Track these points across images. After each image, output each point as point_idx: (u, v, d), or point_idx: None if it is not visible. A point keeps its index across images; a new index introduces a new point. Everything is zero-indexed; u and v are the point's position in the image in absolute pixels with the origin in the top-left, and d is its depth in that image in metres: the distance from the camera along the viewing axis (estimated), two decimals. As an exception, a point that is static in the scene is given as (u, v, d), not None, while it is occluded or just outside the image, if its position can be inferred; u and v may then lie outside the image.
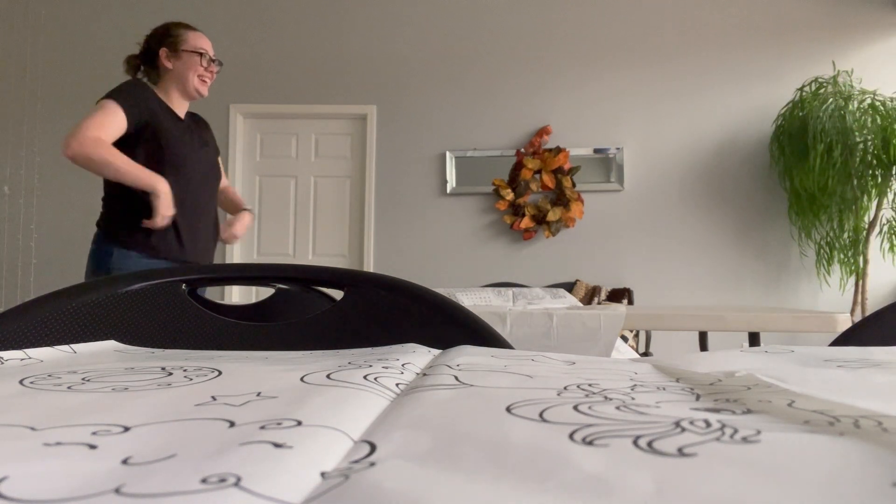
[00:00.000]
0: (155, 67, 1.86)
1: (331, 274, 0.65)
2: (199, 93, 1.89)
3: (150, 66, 1.87)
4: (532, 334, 1.17)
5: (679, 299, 4.01)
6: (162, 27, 1.89)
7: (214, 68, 1.90)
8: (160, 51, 1.84)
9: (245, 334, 0.59)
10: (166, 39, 1.85)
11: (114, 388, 0.32)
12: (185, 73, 1.85)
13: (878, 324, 0.67)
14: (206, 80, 1.88)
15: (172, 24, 1.89)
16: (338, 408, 0.26)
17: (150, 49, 1.87)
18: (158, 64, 1.85)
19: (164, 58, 1.84)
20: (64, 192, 4.28)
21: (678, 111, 4.11)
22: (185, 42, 1.85)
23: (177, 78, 1.85)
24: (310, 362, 0.40)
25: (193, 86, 1.86)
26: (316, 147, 4.36)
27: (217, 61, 1.91)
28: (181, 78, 1.85)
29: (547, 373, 0.37)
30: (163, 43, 1.85)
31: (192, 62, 1.85)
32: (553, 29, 4.19)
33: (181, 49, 1.84)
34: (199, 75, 1.86)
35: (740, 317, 1.30)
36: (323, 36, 4.30)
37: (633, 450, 0.20)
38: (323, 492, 0.16)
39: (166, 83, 1.86)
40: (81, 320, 0.55)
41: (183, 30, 1.87)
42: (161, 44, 1.85)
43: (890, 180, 3.58)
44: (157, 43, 1.86)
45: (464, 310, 0.61)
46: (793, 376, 0.34)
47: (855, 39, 4.00)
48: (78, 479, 0.18)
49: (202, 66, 1.86)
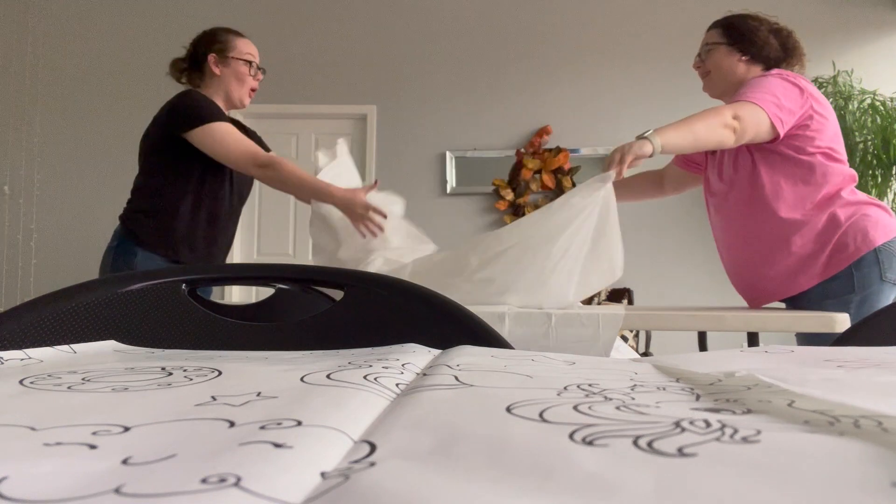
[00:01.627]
0: (201, 72, 1.84)
1: (331, 274, 0.65)
2: (243, 103, 1.87)
3: (196, 70, 1.85)
4: (531, 334, 1.17)
5: (679, 299, 4.01)
6: (210, 32, 1.86)
7: (260, 76, 1.89)
8: (209, 56, 1.81)
9: (245, 334, 0.59)
10: (215, 45, 1.82)
11: (114, 388, 0.32)
12: (232, 81, 1.83)
13: (878, 324, 0.67)
14: (252, 89, 1.87)
15: (221, 30, 1.86)
16: (338, 408, 0.26)
17: (196, 54, 1.84)
18: (205, 69, 1.83)
19: (212, 64, 1.81)
20: (64, 192, 4.28)
21: (678, 111, 4.10)
22: (235, 49, 1.83)
23: (224, 85, 1.83)
24: (310, 362, 0.40)
25: (239, 96, 1.85)
26: (316, 147, 4.36)
27: (263, 70, 1.89)
28: (228, 86, 1.83)
29: (547, 373, 0.37)
30: (211, 48, 1.82)
31: (241, 70, 1.83)
32: (553, 29, 4.18)
33: (230, 56, 1.82)
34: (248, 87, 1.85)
35: (740, 317, 1.30)
36: (323, 36, 4.30)
37: (633, 450, 0.20)
38: (323, 492, 0.16)
39: (212, 89, 1.83)
40: (81, 320, 0.55)
41: (232, 36, 1.85)
42: (209, 49, 1.82)
43: (890, 180, 3.58)
44: (206, 48, 1.83)
45: (464, 310, 0.61)
46: (793, 376, 0.34)
47: (855, 39, 4.00)
48: (78, 479, 0.18)
49: (250, 74, 1.84)
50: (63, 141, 4.31)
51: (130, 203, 1.81)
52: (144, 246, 1.73)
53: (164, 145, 1.74)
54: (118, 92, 4.29)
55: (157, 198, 1.76)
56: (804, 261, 1.48)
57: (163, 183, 1.76)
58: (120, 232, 1.78)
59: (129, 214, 1.79)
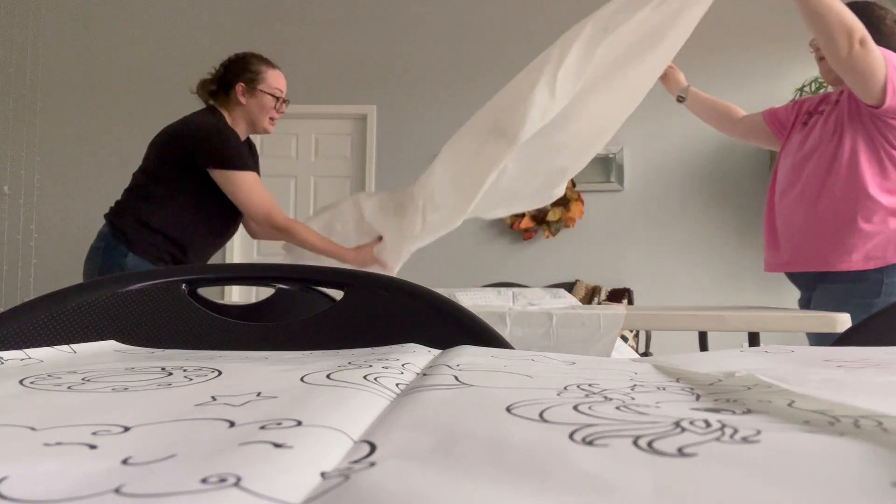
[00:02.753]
0: (227, 97, 1.85)
1: (331, 274, 0.65)
2: (266, 131, 1.89)
3: (223, 93, 1.86)
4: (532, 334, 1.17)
5: (679, 299, 4.01)
6: (242, 59, 1.86)
7: (284, 109, 1.90)
8: (237, 85, 1.82)
9: (245, 334, 0.59)
10: (245, 74, 1.83)
11: (114, 388, 0.32)
12: (257, 113, 1.84)
13: (879, 324, 0.67)
14: (274, 119, 1.88)
15: (252, 58, 1.86)
16: (338, 408, 0.26)
17: (226, 78, 1.85)
18: (231, 96, 1.84)
19: (239, 93, 1.82)
20: (64, 192, 4.28)
21: (678, 111, 4.08)
22: (264, 82, 1.83)
23: (248, 115, 1.85)
24: (310, 362, 0.40)
25: (263, 126, 1.87)
26: (316, 147, 4.36)
27: (287, 101, 1.90)
28: (252, 117, 1.85)
29: (547, 373, 0.37)
30: (240, 77, 1.83)
31: (267, 104, 1.84)
32: (553, 29, 4.17)
33: (258, 88, 1.83)
34: (270, 117, 1.87)
35: (740, 317, 1.30)
36: (323, 36, 4.30)
37: (633, 450, 0.20)
38: (323, 492, 0.16)
39: (236, 115, 1.85)
40: (81, 320, 0.55)
41: (264, 67, 1.86)
42: (238, 78, 1.83)
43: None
44: (235, 76, 1.84)
45: (464, 310, 0.61)
46: (793, 376, 0.34)
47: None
48: (78, 479, 0.18)
49: (275, 107, 1.86)
50: (63, 141, 4.31)
51: (124, 203, 1.79)
52: (135, 250, 1.72)
53: (181, 164, 1.74)
54: (118, 92, 4.29)
55: (158, 206, 1.75)
56: (858, 240, 1.50)
57: (165, 195, 1.76)
58: (108, 233, 1.75)
59: (121, 216, 1.77)
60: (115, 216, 1.78)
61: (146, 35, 4.32)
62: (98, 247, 1.76)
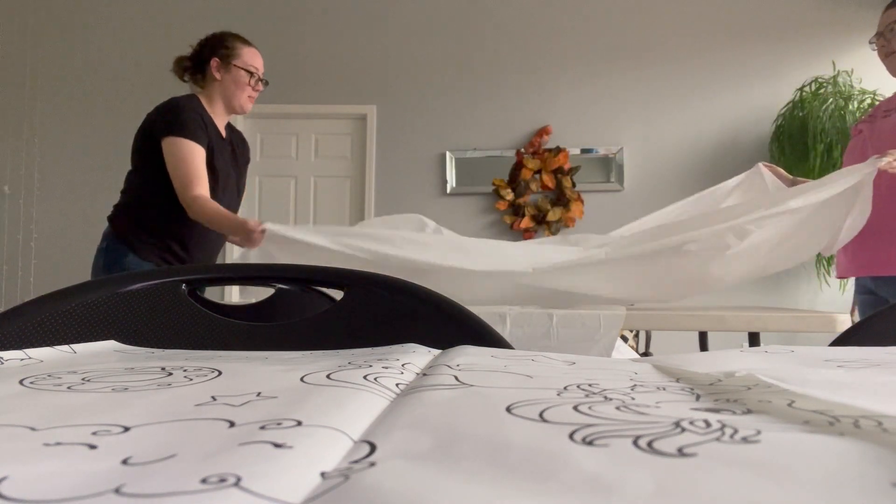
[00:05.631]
0: (202, 74, 1.85)
1: (331, 274, 0.65)
2: (244, 109, 1.87)
3: (198, 71, 1.85)
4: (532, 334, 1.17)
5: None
6: (218, 36, 1.86)
7: (261, 87, 1.89)
8: (212, 60, 1.82)
9: (245, 334, 0.59)
10: (220, 50, 1.82)
11: (114, 388, 0.32)
12: (232, 88, 1.83)
13: (879, 324, 0.67)
14: (251, 97, 1.87)
15: (229, 35, 1.86)
16: (338, 408, 0.26)
17: (201, 55, 1.85)
18: (207, 72, 1.83)
19: (214, 68, 1.82)
20: (64, 192, 4.28)
21: (678, 111, 4.11)
22: (238, 57, 1.83)
23: (223, 91, 1.84)
24: (310, 362, 0.40)
25: (239, 102, 1.85)
26: (316, 147, 4.36)
27: (265, 81, 1.89)
28: (227, 92, 1.84)
29: (547, 373, 0.37)
30: (215, 52, 1.82)
31: (241, 79, 1.83)
32: (553, 29, 4.18)
33: (233, 63, 1.82)
34: (248, 95, 1.85)
35: (740, 317, 1.30)
36: (323, 36, 4.30)
37: (633, 450, 0.20)
38: (323, 492, 0.16)
39: (212, 92, 1.84)
40: (81, 320, 0.55)
41: (239, 44, 1.85)
42: (213, 53, 1.82)
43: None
44: (210, 51, 1.83)
45: (464, 310, 0.61)
46: (793, 376, 0.34)
47: (855, 39, 4.00)
48: (78, 479, 0.18)
49: (250, 84, 1.85)
50: (63, 141, 4.31)
51: (120, 205, 1.81)
52: (135, 251, 1.73)
53: (153, 151, 1.73)
54: (118, 92, 4.29)
55: (149, 203, 1.75)
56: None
57: (142, 182, 1.77)
58: (109, 233, 1.78)
59: (118, 217, 1.79)
60: (114, 217, 1.80)
61: (147, 35, 4.32)
62: (101, 247, 1.78)
